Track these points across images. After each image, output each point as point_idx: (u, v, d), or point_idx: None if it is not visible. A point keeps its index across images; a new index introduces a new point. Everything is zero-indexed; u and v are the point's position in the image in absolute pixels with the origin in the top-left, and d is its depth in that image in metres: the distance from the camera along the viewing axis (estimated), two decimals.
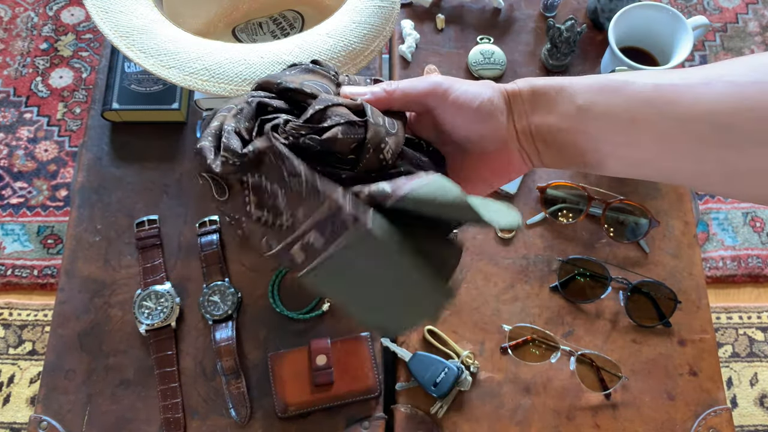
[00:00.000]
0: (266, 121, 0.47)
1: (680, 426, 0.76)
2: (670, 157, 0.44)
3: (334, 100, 0.47)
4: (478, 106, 0.49)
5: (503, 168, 0.51)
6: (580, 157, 0.48)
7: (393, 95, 0.50)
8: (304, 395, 0.75)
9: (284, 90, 0.49)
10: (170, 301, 0.79)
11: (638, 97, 0.45)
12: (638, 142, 0.45)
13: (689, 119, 0.43)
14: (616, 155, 0.47)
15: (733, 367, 1.46)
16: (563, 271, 0.82)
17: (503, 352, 0.79)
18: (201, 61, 0.68)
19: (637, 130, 0.45)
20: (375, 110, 0.48)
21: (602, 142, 0.46)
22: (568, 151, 0.48)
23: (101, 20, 0.70)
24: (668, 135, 0.44)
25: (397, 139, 0.48)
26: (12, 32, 1.80)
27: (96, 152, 0.88)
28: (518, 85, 0.49)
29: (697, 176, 0.45)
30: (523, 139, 0.49)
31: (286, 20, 0.89)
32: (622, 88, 0.45)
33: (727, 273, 1.54)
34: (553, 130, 0.48)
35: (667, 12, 0.87)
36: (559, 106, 0.47)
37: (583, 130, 0.47)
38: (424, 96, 0.50)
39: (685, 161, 0.44)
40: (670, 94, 0.44)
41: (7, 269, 1.53)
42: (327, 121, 0.46)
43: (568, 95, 0.47)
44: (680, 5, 1.87)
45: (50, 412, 0.75)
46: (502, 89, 0.50)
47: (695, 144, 0.43)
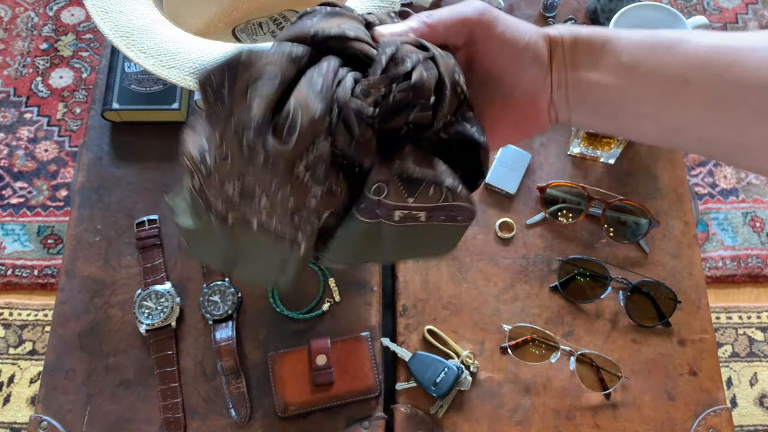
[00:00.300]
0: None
1: (680, 426, 0.76)
2: (718, 125, 0.41)
3: (398, 39, 0.40)
4: (525, 46, 0.43)
5: (527, 122, 0.47)
6: (616, 116, 0.44)
7: (436, 29, 0.42)
8: (304, 395, 0.75)
9: (324, 39, 0.41)
10: (170, 301, 0.79)
11: (694, 57, 0.41)
12: (686, 106, 0.41)
13: (749, 86, 0.39)
14: (657, 118, 0.43)
15: (733, 367, 1.46)
16: (563, 271, 0.82)
17: (503, 352, 0.79)
18: (201, 61, 0.68)
19: (688, 92, 0.41)
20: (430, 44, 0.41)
21: (645, 103, 0.43)
22: (604, 110, 0.44)
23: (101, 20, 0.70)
24: (722, 101, 0.40)
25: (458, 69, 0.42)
26: (12, 32, 1.80)
27: (96, 152, 0.88)
28: (560, 31, 0.45)
29: (739, 149, 0.42)
30: (556, 93, 0.45)
31: (286, 20, 0.89)
32: (676, 46, 0.41)
33: (726, 273, 1.54)
34: (592, 86, 0.44)
35: (667, 12, 0.87)
36: (602, 59, 0.43)
37: (626, 89, 0.43)
38: (469, 26, 0.43)
39: (733, 131, 0.41)
40: (731, 57, 0.40)
41: (8, 269, 1.53)
42: (406, 63, 0.39)
43: (613, 49, 0.43)
44: (680, 5, 1.87)
45: (50, 412, 0.75)
46: (545, 34, 0.45)
47: (751, 114, 0.39)
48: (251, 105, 0.38)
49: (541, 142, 0.90)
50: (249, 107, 0.38)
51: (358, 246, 0.45)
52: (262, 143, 0.38)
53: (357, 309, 0.80)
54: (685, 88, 0.41)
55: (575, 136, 0.87)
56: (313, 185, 0.40)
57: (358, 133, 0.39)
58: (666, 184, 0.88)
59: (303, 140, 0.38)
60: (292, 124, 0.38)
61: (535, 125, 0.47)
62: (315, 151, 0.39)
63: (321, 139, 0.38)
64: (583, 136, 0.85)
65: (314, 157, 0.39)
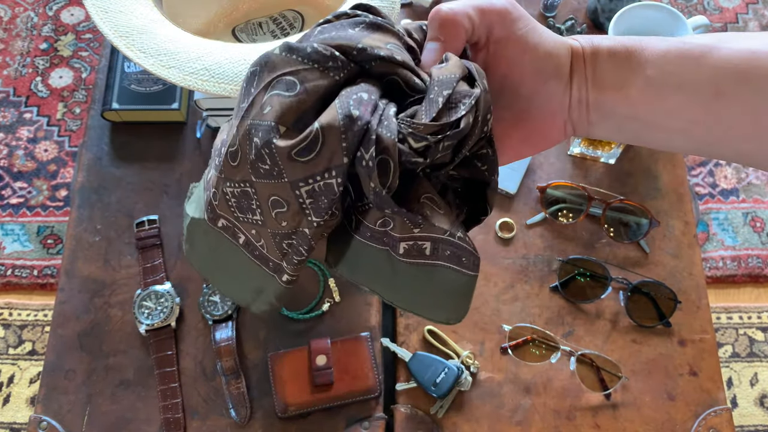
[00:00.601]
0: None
1: (680, 426, 0.76)
2: (759, 138, 0.38)
3: (453, 76, 0.36)
4: (547, 54, 0.40)
5: (540, 138, 0.43)
6: (642, 133, 0.41)
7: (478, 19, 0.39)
8: (304, 395, 0.75)
9: (370, 59, 0.37)
10: (170, 301, 0.79)
11: (727, 67, 0.37)
12: (721, 121, 0.38)
13: None
14: (688, 134, 0.40)
15: (733, 367, 1.46)
16: (563, 271, 0.82)
17: (503, 352, 0.79)
18: (201, 61, 0.68)
19: (722, 106, 0.38)
20: (479, 68, 0.38)
21: (675, 119, 0.40)
22: (629, 127, 0.41)
23: (101, 20, 0.70)
24: (763, 114, 0.37)
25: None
26: (12, 32, 1.80)
27: (96, 152, 0.88)
28: (580, 43, 0.41)
29: None
30: (575, 110, 0.42)
31: (286, 20, 0.89)
32: (706, 55, 0.38)
33: (727, 273, 1.54)
34: (616, 104, 0.41)
35: (667, 12, 0.87)
36: (626, 75, 0.40)
37: (653, 105, 0.40)
38: (493, 18, 0.39)
39: None
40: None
41: (7, 269, 1.53)
42: (459, 109, 0.36)
43: (637, 63, 0.40)
44: (680, 5, 1.87)
45: (50, 412, 0.75)
46: (568, 45, 0.41)
47: None
48: (265, 107, 0.36)
49: None
50: (263, 109, 0.36)
51: (369, 270, 0.44)
52: (269, 151, 0.36)
53: (357, 309, 0.80)
54: (719, 101, 0.38)
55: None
56: (311, 214, 0.38)
57: (390, 182, 0.35)
58: (666, 184, 0.88)
59: (317, 164, 0.35)
60: (310, 144, 0.35)
61: (548, 141, 0.44)
62: (325, 180, 0.36)
63: (337, 171, 0.35)
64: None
65: (322, 187, 0.36)
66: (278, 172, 0.37)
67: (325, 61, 0.36)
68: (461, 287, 0.42)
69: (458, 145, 0.37)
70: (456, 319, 0.45)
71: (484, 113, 0.37)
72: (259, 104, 0.37)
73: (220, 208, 0.44)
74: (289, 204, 0.38)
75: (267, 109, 0.36)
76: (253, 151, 0.37)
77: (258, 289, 0.47)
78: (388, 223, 0.39)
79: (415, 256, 0.41)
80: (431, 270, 0.42)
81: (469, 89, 0.37)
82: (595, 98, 0.41)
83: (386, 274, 0.44)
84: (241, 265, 0.46)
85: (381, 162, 0.35)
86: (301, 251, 0.41)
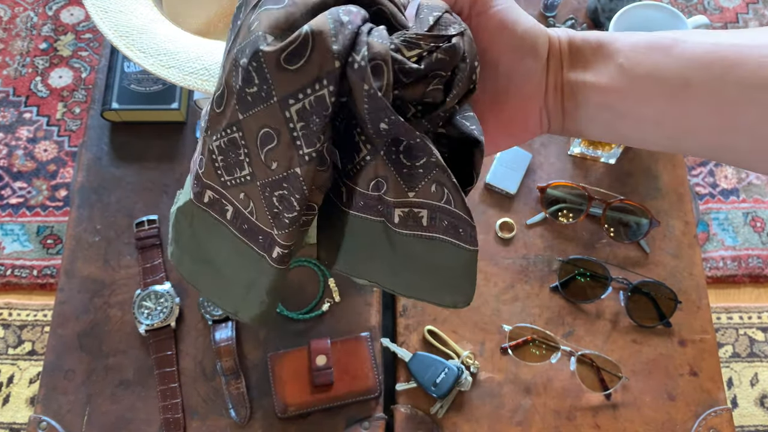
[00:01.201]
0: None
1: (680, 426, 0.76)
2: (726, 131, 0.38)
3: (441, 6, 0.37)
4: (525, 32, 0.40)
5: (515, 124, 0.43)
6: (614, 123, 0.42)
7: None
8: (304, 395, 0.75)
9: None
10: (170, 301, 0.79)
11: (693, 58, 0.38)
12: (689, 110, 0.39)
13: (756, 87, 0.36)
14: (659, 124, 0.41)
15: (734, 367, 1.46)
16: (563, 271, 0.82)
17: (503, 352, 0.79)
18: (200, 61, 0.68)
19: (690, 95, 0.38)
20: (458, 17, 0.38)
21: (645, 107, 0.40)
22: (602, 116, 0.42)
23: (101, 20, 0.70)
24: (728, 104, 0.38)
25: None
26: (11, 32, 1.80)
27: (96, 152, 0.88)
28: (556, 32, 0.42)
29: (752, 154, 0.39)
30: (551, 96, 0.42)
31: None
32: (674, 47, 0.39)
33: (727, 273, 1.54)
34: (588, 90, 0.41)
35: (668, 12, 0.87)
36: (598, 61, 0.41)
37: (624, 92, 0.40)
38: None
39: (743, 137, 0.38)
40: (733, 56, 0.37)
41: (7, 269, 1.53)
42: (450, 29, 0.36)
43: (608, 51, 0.41)
44: (680, 5, 1.87)
45: (50, 412, 0.75)
46: (545, 31, 0.42)
47: (761, 117, 0.37)
48: (252, 24, 0.35)
49: (541, 142, 0.90)
50: (250, 27, 0.35)
51: (367, 253, 0.43)
52: (257, 64, 0.34)
53: (357, 309, 0.80)
54: (686, 90, 0.38)
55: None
56: (302, 145, 0.36)
57: (385, 90, 0.34)
58: (666, 184, 0.88)
59: (307, 72, 0.34)
60: (299, 48, 0.33)
61: (525, 130, 0.44)
62: (316, 93, 0.34)
63: (329, 79, 0.34)
64: None
65: (313, 102, 0.34)
66: (267, 92, 0.35)
67: None
68: (463, 265, 0.42)
69: (448, 84, 0.37)
70: (464, 302, 0.44)
71: (471, 57, 0.37)
72: (246, 26, 0.36)
73: (207, 175, 0.42)
74: (279, 134, 0.37)
75: (254, 24, 0.35)
76: (240, 75, 0.36)
77: (248, 283, 0.46)
78: (381, 185, 0.38)
79: (411, 227, 0.40)
80: (430, 244, 0.41)
81: (458, 19, 0.37)
82: (569, 84, 0.42)
83: (384, 254, 0.43)
84: (228, 253, 0.45)
85: (375, 67, 0.34)
86: (293, 204, 0.39)
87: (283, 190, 0.39)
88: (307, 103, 0.35)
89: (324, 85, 0.34)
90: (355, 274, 0.46)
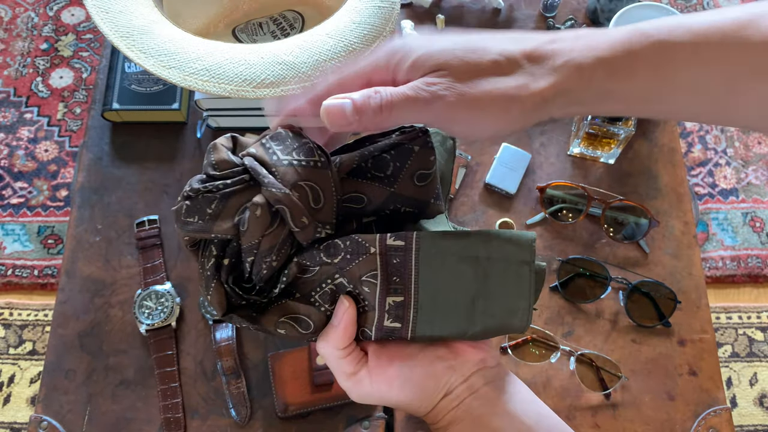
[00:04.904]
0: None
1: (680, 426, 0.76)
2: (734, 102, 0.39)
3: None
4: (492, 103, 0.40)
5: (492, 119, 0.41)
6: (603, 95, 0.40)
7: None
8: (304, 395, 0.75)
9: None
10: (170, 301, 0.79)
11: (707, 34, 0.39)
12: (700, 86, 0.39)
13: (756, 45, 0.38)
14: (677, 100, 0.40)
15: (733, 367, 1.46)
16: (563, 271, 0.82)
17: (503, 351, 0.79)
18: (201, 62, 0.68)
19: (702, 70, 0.39)
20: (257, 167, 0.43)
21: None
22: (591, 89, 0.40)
23: (101, 20, 0.70)
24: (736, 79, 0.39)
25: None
26: (12, 32, 1.80)
27: (96, 152, 0.89)
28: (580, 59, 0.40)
29: (727, 108, 0.40)
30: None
31: (286, 20, 0.89)
32: (684, 24, 0.39)
33: (726, 273, 1.54)
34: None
35: (667, 12, 0.87)
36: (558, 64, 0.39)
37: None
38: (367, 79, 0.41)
39: (752, 101, 0.39)
40: (715, 35, 0.38)
41: (8, 269, 1.53)
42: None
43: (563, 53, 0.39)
44: (680, 5, 1.87)
45: (50, 412, 0.75)
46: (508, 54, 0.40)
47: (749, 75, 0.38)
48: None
49: (541, 142, 0.90)
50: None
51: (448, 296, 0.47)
52: None
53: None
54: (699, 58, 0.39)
55: (575, 136, 0.87)
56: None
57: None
58: (666, 184, 0.88)
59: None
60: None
61: (509, 121, 0.41)
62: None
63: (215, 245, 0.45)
64: (583, 136, 0.85)
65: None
66: None
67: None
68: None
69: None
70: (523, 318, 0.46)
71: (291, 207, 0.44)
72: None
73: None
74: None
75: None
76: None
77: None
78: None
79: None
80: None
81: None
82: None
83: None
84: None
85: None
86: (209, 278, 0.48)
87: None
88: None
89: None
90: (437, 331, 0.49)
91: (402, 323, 0.46)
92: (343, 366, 0.47)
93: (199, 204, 0.44)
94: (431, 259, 0.45)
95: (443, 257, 0.45)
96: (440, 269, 0.45)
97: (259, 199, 0.43)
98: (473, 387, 0.47)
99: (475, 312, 0.46)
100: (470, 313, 0.46)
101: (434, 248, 0.45)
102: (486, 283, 0.45)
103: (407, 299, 0.45)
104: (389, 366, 0.46)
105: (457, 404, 0.47)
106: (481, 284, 0.45)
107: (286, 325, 0.46)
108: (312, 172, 0.43)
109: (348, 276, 0.45)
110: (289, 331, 0.47)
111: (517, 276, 0.45)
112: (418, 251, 0.45)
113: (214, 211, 0.44)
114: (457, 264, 0.45)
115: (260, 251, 0.44)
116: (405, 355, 0.47)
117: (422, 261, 0.45)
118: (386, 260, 0.45)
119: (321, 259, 0.45)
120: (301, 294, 0.47)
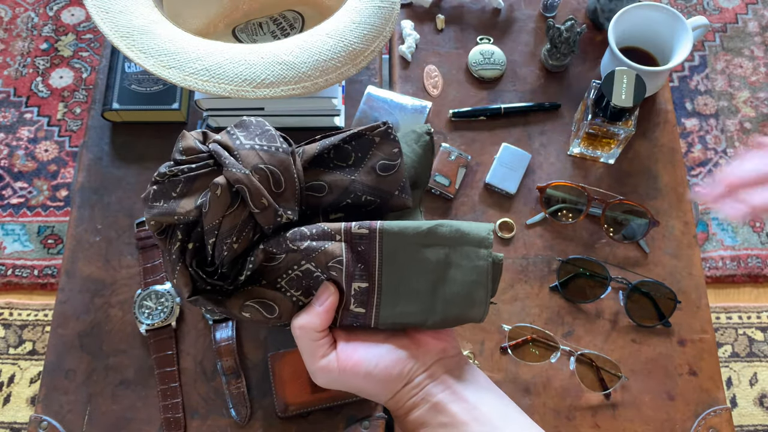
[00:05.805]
0: None
1: (680, 426, 0.76)
2: None
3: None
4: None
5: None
6: None
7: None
8: (305, 395, 0.75)
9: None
10: (170, 301, 0.79)
11: None
12: None
13: None
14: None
15: (733, 367, 1.46)
16: (563, 271, 0.82)
17: (503, 352, 0.79)
18: (201, 62, 0.68)
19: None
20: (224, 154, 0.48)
21: None
22: None
23: (101, 20, 0.70)
24: None
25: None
26: (12, 32, 1.80)
27: (96, 152, 0.89)
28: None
29: None
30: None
31: (286, 20, 0.89)
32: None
33: (726, 273, 1.54)
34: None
35: (667, 12, 0.87)
36: None
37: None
38: None
39: None
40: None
41: (8, 269, 1.54)
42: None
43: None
44: (680, 5, 1.87)
45: (50, 412, 0.75)
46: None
47: None
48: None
49: (541, 143, 0.90)
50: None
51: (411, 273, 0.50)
52: None
53: None
54: None
55: (575, 136, 0.87)
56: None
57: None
58: (666, 184, 0.88)
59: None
60: None
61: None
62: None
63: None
64: (583, 136, 0.85)
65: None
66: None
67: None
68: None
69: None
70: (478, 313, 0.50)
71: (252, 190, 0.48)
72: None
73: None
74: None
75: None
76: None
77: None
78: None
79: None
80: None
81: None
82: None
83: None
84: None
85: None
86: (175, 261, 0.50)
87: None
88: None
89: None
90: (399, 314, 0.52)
91: (366, 308, 0.47)
92: (315, 349, 0.50)
93: (165, 188, 0.46)
94: (394, 248, 0.47)
95: (406, 246, 0.47)
96: (403, 257, 0.47)
97: (220, 180, 0.45)
98: (434, 375, 0.51)
99: (436, 299, 0.48)
100: (432, 299, 0.48)
101: (397, 237, 0.47)
102: (447, 272, 0.47)
103: (371, 285, 0.47)
104: (355, 353, 0.50)
105: (418, 392, 0.50)
106: (442, 272, 0.47)
107: (251, 309, 0.47)
108: (273, 157, 0.45)
109: (315, 262, 0.47)
110: (253, 315, 0.48)
111: (475, 265, 0.47)
112: (382, 239, 0.46)
113: (178, 194, 0.46)
114: (419, 252, 0.47)
115: (221, 232, 0.45)
116: (370, 344, 0.51)
117: (386, 249, 0.47)
118: (351, 247, 0.46)
119: (287, 246, 0.46)
120: (267, 281, 0.48)
